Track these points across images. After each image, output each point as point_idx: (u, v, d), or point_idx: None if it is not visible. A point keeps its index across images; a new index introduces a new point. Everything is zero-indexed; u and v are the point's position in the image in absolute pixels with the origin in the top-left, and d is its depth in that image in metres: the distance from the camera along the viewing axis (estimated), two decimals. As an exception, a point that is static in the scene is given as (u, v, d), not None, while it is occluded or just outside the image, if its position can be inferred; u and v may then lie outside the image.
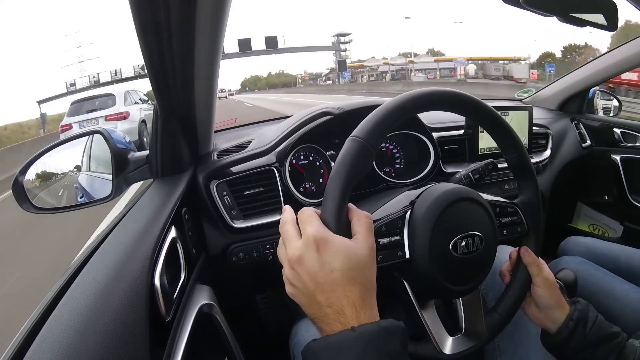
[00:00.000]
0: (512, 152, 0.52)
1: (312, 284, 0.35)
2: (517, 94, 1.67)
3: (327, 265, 0.35)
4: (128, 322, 0.37)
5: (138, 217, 0.57)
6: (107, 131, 0.71)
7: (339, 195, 0.38)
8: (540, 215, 0.55)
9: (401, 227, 0.46)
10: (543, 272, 0.52)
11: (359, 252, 0.37)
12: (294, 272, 0.37)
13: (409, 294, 0.47)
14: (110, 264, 0.44)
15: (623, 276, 0.83)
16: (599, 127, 1.39)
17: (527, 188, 0.55)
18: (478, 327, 0.51)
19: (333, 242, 0.36)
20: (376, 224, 0.45)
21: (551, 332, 0.52)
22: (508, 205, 0.53)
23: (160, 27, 0.46)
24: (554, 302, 0.51)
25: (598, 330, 0.49)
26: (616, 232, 1.39)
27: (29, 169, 0.66)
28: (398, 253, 0.45)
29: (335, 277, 0.35)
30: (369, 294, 0.37)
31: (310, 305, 0.36)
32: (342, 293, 0.35)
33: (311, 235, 0.36)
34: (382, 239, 0.44)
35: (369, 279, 0.37)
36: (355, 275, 0.36)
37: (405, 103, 0.43)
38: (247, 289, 1.03)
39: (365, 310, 0.35)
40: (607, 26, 0.51)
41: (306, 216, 0.38)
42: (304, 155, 0.87)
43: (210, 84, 0.64)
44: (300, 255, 0.36)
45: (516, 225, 0.53)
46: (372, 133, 0.40)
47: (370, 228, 0.39)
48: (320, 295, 0.35)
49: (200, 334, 0.53)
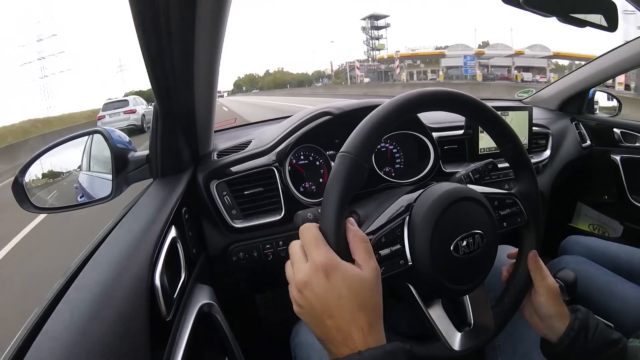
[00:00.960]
0: (507, 142, 0.52)
1: (320, 308, 0.36)
2: (517, 94, 1.67)
3: (335, 292, 0.36)
4: (128, 321, 0.37)
5: (138, 217, 0.57)
6: (107, 131, 0.71)
7: (335, 215, 0.38)
8: (539, 204, 0.55)
9: (401, 235, 0.45)
10: (547, 279, 0.52)
11: (365, 277, 0.37)
12: (301, 295, 0.37)
13: (415, 296, 0.47)
14: (110, 264, 0.44)
15: (623, 275, 0.83)
16: (599, 127, 1.39)
17: (524, 177, 0.54)
18: (486, 320, 0.51)
19: (340, 269, 0.36)
20: (376, 235, 0.44)
21: (552, 342, 0.51)
22: (506, 197, 0.53)
23: (160, 27, 0.46)
24: (555, 312, 0.50)
25: (599, 338, 0.49)
26: (616, 231, 1.39)
27: (29, 168, 0.66)
28: (400, 261, 0.44)
29: (343, 304, 0.35)
30: (376, 318, 0.37)
31: (318, 327, 0.37)
32: (350, 318, 0.35)
33: (319, 261, 0.36)
34: (383, 250, 0.44)
35: (376, 303, 0.37)
36: (363, 300, 0.36)
37: (391, 111, 0.43)
38: (247, 289, 1.03)
39: (373, 334, 0.36)
40: (607, 26, 0.51)
41: (311, 237, 0.38)
42: (304, 155, 0.87)
43: (210, 84, 0.64)
44: (307, 281, 0.36)
45: (516, 215, 0.53)
46: (362, 147, 0.40)
47: (370, 251, 0.39)
48: (328, 320, 0.36)
49: (201, 334, 0.53)
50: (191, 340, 0.48)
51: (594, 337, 0.49)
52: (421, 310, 0.48)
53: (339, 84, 42.95)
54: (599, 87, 1.42)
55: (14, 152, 8.99)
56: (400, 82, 31.93)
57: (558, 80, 1.46)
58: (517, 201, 0.54)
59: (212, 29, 0.51)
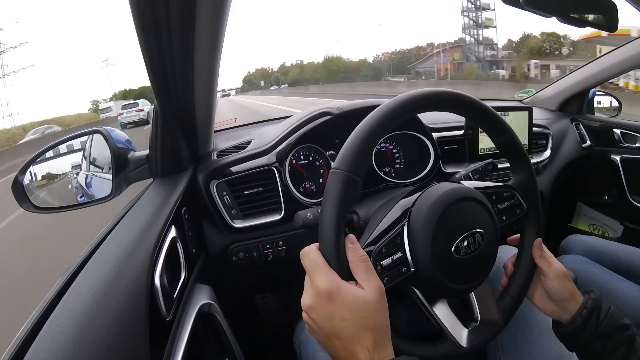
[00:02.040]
0: (500, 135, 0.52)
1: (327, 330, 0.38)
2: (517, 94, 1.67)
3: (338, 315, 0.37)
4: (128, 321, 0.37)
5: (138, 217, 0.57)
6: (106, 131, 0.71)
7: (334, 234, 0.39)
8: (537, 193, 0.55)
9: (401, 243, 0.45)
10: (554, 265, 0.52)
11: (368, 298, 0.37)
12: (309, 318, 0.39)
13: (420, 297, 0.48)
14: (110, 264, 0.44)
15: (623, 275, 0.83)
16: (599, 127, 1.39)
17: (520, 167, 0.54)
18: (491, 314, 0.51)
19: (342, 292, 0.37)
20: (376, 246, 0.44)
21: (564, 322, 0.51)
22: (503, 190, 0.53)
23: (160, 27, 0.46)
24: (568, 294, 0.50)
25: (611, 320, 0.49)
26: (616, 232, 1.39)
27: (29, 168, 0.66)
28: (403, 269, 0.44)
29: (347, 326, 0.37)
30: (382, 335, 0.38)
31: (328, 346, 0.39)
32: (355, 339, 0.36)
33: (321, 287, 0.37)
34: (385, 260, 0.43)
35: (381, 321, 0.38)
36: (367, 321, 0.37)
37: (381, 119, 0.42)
38: (247, 289, 1.03)
39: (379, 351, 0.37)
40: (607, 26, 0.51)
41: (312, 263, 0.39)
42: (303, 155, 0.87)
43: (210, 84, 0.64)
44: (312, 306, 0.38)
45: (515, 208, 0.53)
46: (353, 161, 0.40)
47: (370, 270, 0.39)
48: (335, 340, 0.37)
49: (201, 334, 0.53)
50: (191, 340, 0.48)
51: (605, 319, 0.49)
52: (427, 311, 0.48)
53: (443, 78, 27.55)
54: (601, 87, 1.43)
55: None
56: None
57: (558, 80, 1.46)
58: (515, 193, 0.53)
59: (212, 29, 0.51)
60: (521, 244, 0.54)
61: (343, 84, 34.63)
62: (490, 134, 0.53)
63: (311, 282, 0.39)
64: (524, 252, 0.53)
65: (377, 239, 0.45)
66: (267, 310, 1.13)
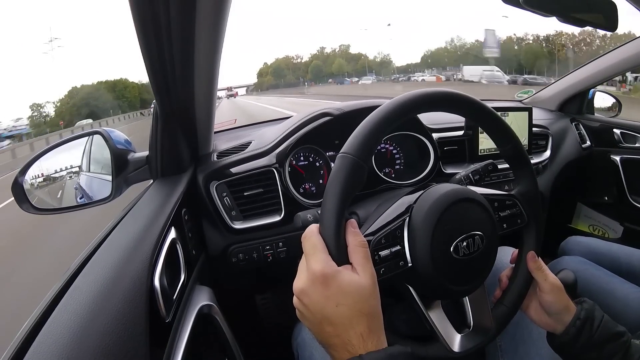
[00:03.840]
0: (507, 143, 0.52)
1: (319, 316, 0.37)
2: (517, 94, 1.67)
3: (332, 300, 0.36)
4: (128, 322, 0.37)
5: (138, 218, 0.57)
6: (106, 132, 0.71)
7: (335, 217, 0.38)
8: (539, 204, 0.55)
9: (401, 237, 0.45)
10: (549, 278, 0.52)
11: (363, 283, 0.37)
12: (301, 303, 0.38)
13: (415, 297, 0.47)
14: (110, 265, 0.44)
15: (623, 276, 0.83)
16: (599, 127, 1.39)
17: (524, 178, 0.54)
18: (485, 322, 0.51)
19: (337, 277, 0.36)
20: (376, 236, 0.44)
21: (558, 333, 0.51)
22: (506, 198, 0.53)
23: (160, 27, 0.46)
24: (562, 307, 0.51)
25: (604, 329, 0.49)
26: (616, 232, 1.39)
27: (29, 169, 0.66)
28: (400, 263, 0.44)
29: (341, 311, 0.36)
30: (375, 322, 0.37)
31: (319, 333, 0.38)
32: (348, 325, 0.36)
33: (316, 270, 0.37)
34: (383, 251, 0.43)
35: (374, 308, 0.38)
36: (362, 307, 0.36)
37: (391, 112, 0.43)
38: (246, 290, 1.03)
39: (372, 338, 0.36)
40: (607, 26, 0.51)
41: (310, 246, 0.39)
42: (303, 156, 0.87)
43: (210, 84, 0.64)
44: (306, 289, 0.37)
45: (516, 217, 0.53)
46: (362, 147, 0.40)
47: (368, 256, 0.39)
48: (327, 326, 0.36)
49: (200, 335, 0.53)
50: (191, 342, 0.48)
51: (599, 328, 0.49)
52: (421, 312, 0.48)
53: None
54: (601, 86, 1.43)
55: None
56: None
57: (558, 80, 1.46)
58: (517, 202, 0.53)
59: (212, 29, 0.51)
60: (519, 254, 0.54)
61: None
62: (496, 141, 0.53)
63: (307, 265, 0.38)
64: (522, 263, 0.53)
65: (378, 230, 0.45)
66: (267, 310, 1.13)
